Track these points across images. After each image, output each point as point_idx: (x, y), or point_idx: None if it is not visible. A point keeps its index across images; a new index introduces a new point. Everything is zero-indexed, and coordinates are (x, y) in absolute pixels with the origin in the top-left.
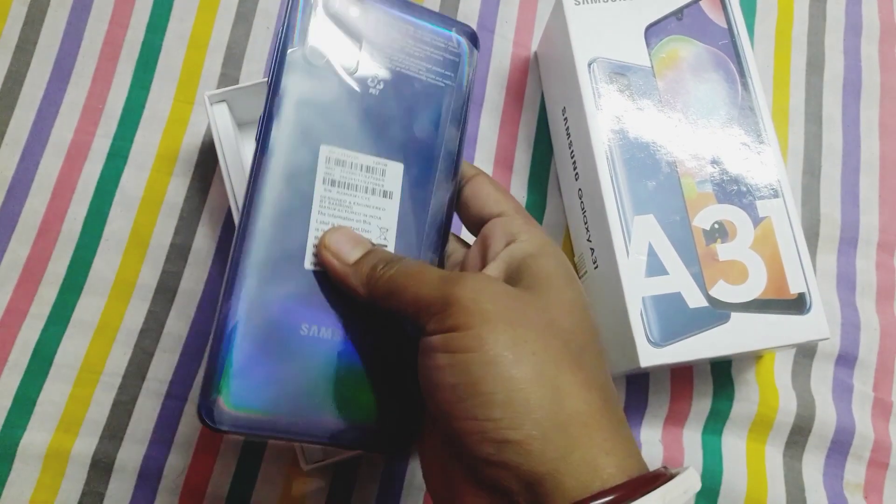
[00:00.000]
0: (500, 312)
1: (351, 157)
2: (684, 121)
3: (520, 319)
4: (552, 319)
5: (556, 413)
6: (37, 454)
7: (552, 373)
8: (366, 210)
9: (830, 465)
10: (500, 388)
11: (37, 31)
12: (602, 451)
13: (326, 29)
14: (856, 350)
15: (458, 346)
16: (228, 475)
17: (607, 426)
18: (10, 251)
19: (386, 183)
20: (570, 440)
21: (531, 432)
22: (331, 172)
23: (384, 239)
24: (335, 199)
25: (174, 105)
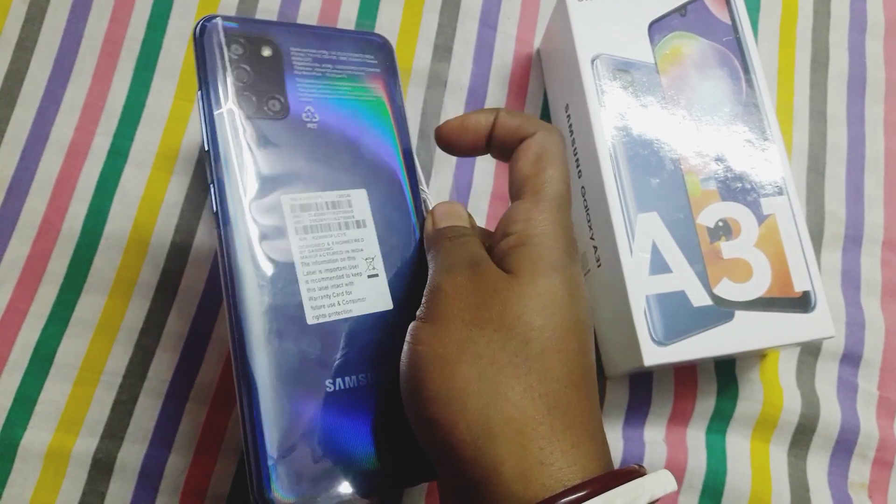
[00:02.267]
0: (460, 310)
1: (313, 198)
2: (688, 118)
3: (477, 319)
4: (518, 316)
5: (488, 420)
6: (37, 454)
7: (492, 377)
8: (345, 246)
9: (835, 465)
10: (440, 388)
11: (37, 28)
12: (536, 461)
13: (243, 79)
14: (861, 349)
15: (418, 338)
16: (229, 475)
17: (546, 434)
18: (10, 250)
19: (355, 212)
20: (501, 450)
21: (463, 437)
22: (299, 220)
23: (372, 268)
24: (312, 245)
25: (175, 103)
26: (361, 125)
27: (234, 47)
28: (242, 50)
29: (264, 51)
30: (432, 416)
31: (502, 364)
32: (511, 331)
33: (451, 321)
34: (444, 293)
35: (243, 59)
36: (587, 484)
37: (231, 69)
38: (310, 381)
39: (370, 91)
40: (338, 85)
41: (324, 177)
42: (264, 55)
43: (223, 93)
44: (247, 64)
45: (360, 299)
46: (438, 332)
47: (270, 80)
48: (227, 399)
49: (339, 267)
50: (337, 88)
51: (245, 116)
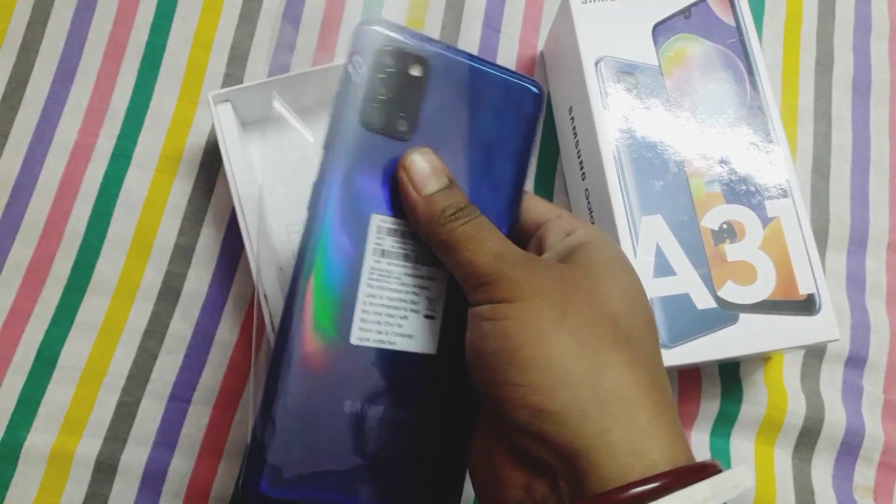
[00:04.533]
0: (547, 290)
1: (403, 225)
2: (692, 120)
3: (567, 298)
4: (602, 300)
5: (595, 386)
6: (41, 455)
7: (595, 346)
8: (415, 280)
9: (840, 468)
10: (539, 355)
11: (41, 31)
12: (644, 434)
13: (381, 92)
14: (865, 351)
15: (503, 314)
16: (232, 477)
17: (652, 408)
18: (13, 252)
19: None
20: (609, 417)
21: (568, 402)
22: (381, 243)
23: (432, 309)
24: (384, 269)
25: (178, 105)
26: (480, 168)
27: (385, 58)
28: (392, 62)
29: (413, 70)
30: (529, 382)
31: (602, 336)
32: (601, 311)
33: (540, 298)
34: (516, 277)
35: (389, 73)
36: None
37: (373, 79)
38: (332, 395)
39: (503, 136)
40: (473, 121)
41: None
42: (411, 74)
43: (355, 98)
44: (390, 78)
45: (408, 335)
46: (529, 308)
47: (406, 101)
48: (230, 401)
49: (400, 298)
50: (471, 125)
51: (368, 127)
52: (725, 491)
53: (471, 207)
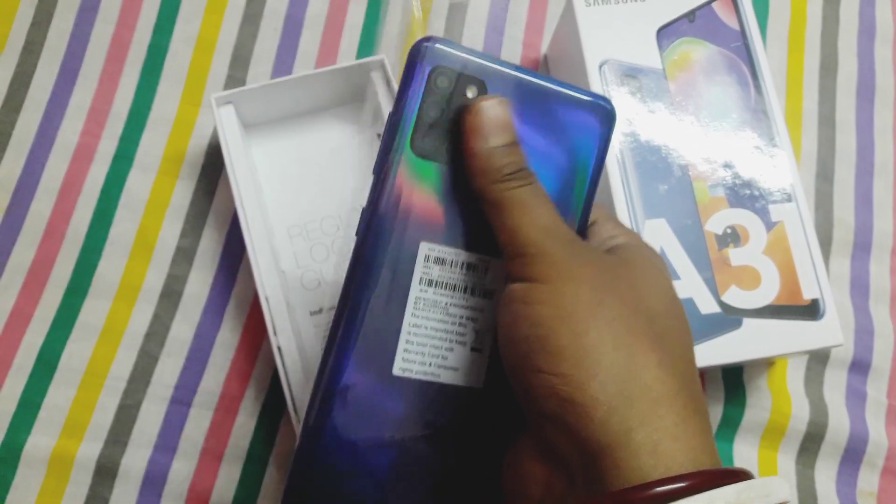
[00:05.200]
0: (586, 275)
1: (452, 254)
2: (696, 124)
3: (605, 287)
4: (640, 296)
5: (625, 382)
6: (41, 458)
7: (628, 341)
8: (462, 311)
9: (843, 473)
10: (571, 344)
11: (43, 32)
12: (670, 435)
13: (433, 114)
14: (869, 356)
15: (536, 298)
16: (233, 482)
17: (680, 410)
18: (15, 254)
19: (487, 281)
20: (636, 415)
21: (597, 396)
22: (428, 272)
23: (479, 343)
24: (430, 299)
25: (180, 107)
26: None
27: (441, 79)
28: (447, 84)
29: (469, 91)
30: (560, 371)
31: (637, 332)
32: (639, 306)
33: (577, 283)
34: (559, 256)
35: (443, 94)
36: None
37: (427, 101)
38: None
39: (566, 159)
40: (537, 143)
41: (473, 236)
42: (468, 95)
43: (407, 121)
44: (444, 100)
45: (453, 368)
46: (564, 292)
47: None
48: (231, 405)
49: (446, 329)
50: (535, 146)
51: (419, 153)
52: (752, 499)
53: (528, 172)
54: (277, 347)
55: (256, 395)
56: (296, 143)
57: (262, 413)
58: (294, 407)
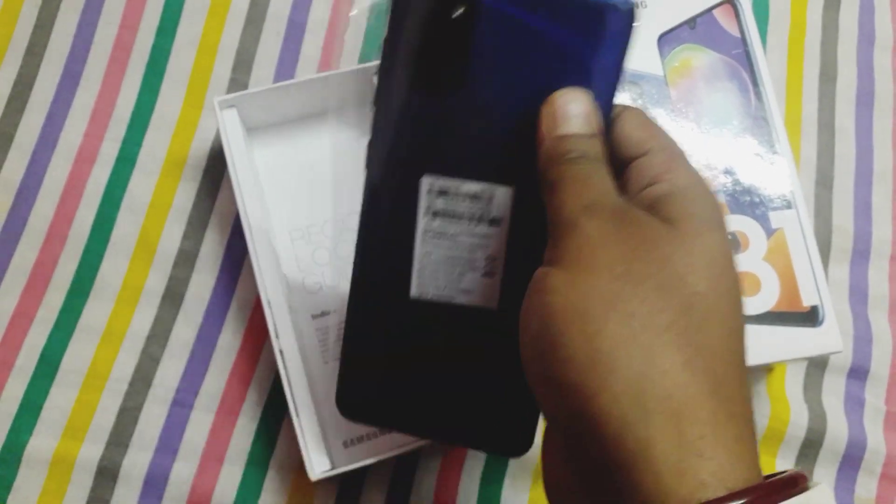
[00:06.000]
0: (608, 259)
1: (455, 185)
2: (697, 130)
3: (630, 273)
4: (677, 274)
5: (641, 392)
6: (42, 460)
7: (649, 341)
8: (471, 240)
9: (842, 480)
10: (581, 348)
11: (47, 34)
12: (693, 450)
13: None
14: (868, 363)
15: (551, 286)
16: (234, 484)
17: (708, 419)
18: (17, 255)
19: (493, 210)
20: (655, 430)
21: (608, 409)
22: (433, 203)
23: (490, 269)
24: (438, 229)
25: (183, 109)
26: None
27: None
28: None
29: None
30: (569, 381)
31: (660, 328)
32: (671, 292)
33: (595, 271)
34: (586, 236)
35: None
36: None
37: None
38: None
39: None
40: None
41: (475, 165)
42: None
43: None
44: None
45: (467, 291)
46: (578, 282)
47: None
48: (232, 407)
49: (456, 256)
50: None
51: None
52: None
53: (598, 159)
54: (279, 350)
55: (258, 398)
56: (298, 147)
57: (264, 416)
58: (296, 410)
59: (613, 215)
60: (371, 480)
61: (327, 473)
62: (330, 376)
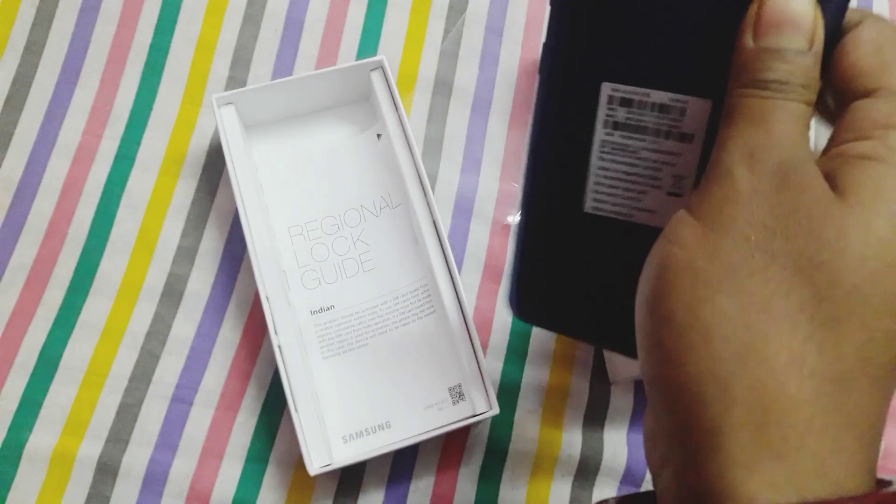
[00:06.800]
0: (748, 223)
1: (640, 95)
2: None
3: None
4: (823, 258)
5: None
6: (42, 456)
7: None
8: (655, 156)
9: None
10: (682, 311)
11: (45, 33)
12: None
13: None
14: None
15: (677, 237)
16: (234, 479)
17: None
18: (17, 253)
19: (685, 124)
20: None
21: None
22: (613, 114)
23: (678, 186)
24: (617, 143)
25: (182, 107)
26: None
27: None
28: None
29: None
30: (660, 339)
31: (776, 315)
32: (808, 276)
33: (729, 233)
34: (735, 191)
35: None
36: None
37: None
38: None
39: None
40: None
41: (666, 73)
42: None
43: None
44: None
45: (649, 210)
46: (707, 240)
47: None
48: (232, 403)
49: (637, 173)
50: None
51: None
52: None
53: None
54: (278, 346)
55: (257, 394)
56: (296, 144)
57: (263, 411)
58: (294, 406)
59: (778, 171)
60: (370, 475)
61: (326, 468)
62: (329, 373)
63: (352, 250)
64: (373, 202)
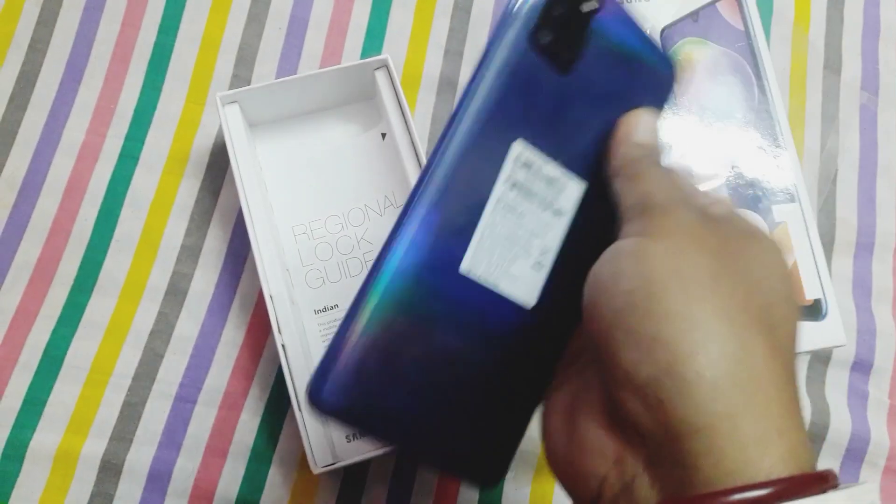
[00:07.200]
0: (708, 241)
1: (540, 161)
2: (700, 124)
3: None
4: (756, 279)
5: (737, 363)
6: (46, 455)
7: (744, 323)
8: (533, 223)
9: (845, 473)
10: (683, 310)
11: (49, 31)
12: (776, 428)
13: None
14: (871, 356)
15: (652, 253)
16: (238, 478)
17: (788, 402)
18: (21, 252)
19: (560, 201)
20: (742, 401)
21: (703, 372)
22: (515, 173)
23: (541, 260)
24: (510, 203)
25: (186, 106)
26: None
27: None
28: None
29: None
30: (664, 336)
31: (751, 315)
32: (756, 289)
33: (700, 246)
34: (685, 220)
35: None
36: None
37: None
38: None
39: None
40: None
41: (562, 148)
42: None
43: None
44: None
45: (513, 277)
46: (684, 251)
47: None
48: (235, 402)
49: (517, 236)
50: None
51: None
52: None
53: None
54: (282, 345)
55: (261, 393)
56: (300, 143)
57: (267, 410)
58: (298, 404)
59: (701, 213)
60: (373, 474)
61: (330, 467)
62: None
63: (356, 249)
64: (377, 201)
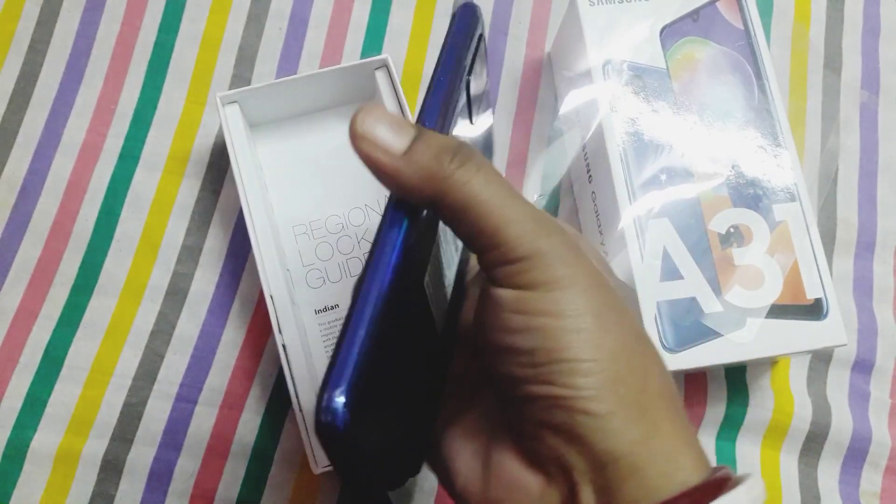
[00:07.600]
0: (585, 274)
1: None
2: (700, 123)
3: (602, 284)
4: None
5: (640, 391)
6: (47, 455)
7: (637, 348)
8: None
9: (846, 473)
10: (587, 357)
11: (49, 31)
12: (684, 441)
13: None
14: (873, 356)
15: (537, 309)
16: (238, 478)
17: (682, 415)
18: (21, 252)
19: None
20: (652, 424)
21: (614, 408)
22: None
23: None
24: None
25: (186, 106)
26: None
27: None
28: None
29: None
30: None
31: (638, 336)
32: (631, 326)
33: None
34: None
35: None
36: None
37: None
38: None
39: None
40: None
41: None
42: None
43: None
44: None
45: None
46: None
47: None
48: (236, 402)
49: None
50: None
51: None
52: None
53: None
54: (282, 345)
55: (261, 393)
56: (301, 142)
57: (267, 411)
58: (299, 405)
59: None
60: None
61: (331, 467)
62: None
63: (356, 249)
64: (377, 201)
